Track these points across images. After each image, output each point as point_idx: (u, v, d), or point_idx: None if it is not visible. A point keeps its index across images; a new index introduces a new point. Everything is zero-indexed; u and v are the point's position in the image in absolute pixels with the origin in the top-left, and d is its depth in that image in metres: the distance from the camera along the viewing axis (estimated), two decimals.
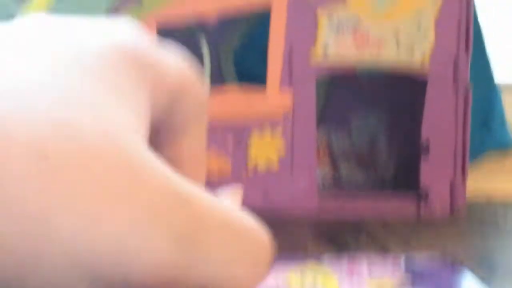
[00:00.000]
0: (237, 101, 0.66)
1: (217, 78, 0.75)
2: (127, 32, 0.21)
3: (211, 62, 0.74)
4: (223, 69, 0.77)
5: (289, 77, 0.66)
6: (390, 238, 0.57)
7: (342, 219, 0.66)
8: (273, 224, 0.66)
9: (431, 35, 0.67)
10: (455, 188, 0.70)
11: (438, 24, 0.67)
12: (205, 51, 0.74)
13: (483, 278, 0.44)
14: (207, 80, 0.74)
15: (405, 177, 0.76)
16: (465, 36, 0.68)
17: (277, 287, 0.39)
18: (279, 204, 0.68)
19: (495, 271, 0.47)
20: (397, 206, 0.69)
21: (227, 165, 0.67)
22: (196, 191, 0.17)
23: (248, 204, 0.68)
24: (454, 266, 0.45)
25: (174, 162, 0.25)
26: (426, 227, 0.62)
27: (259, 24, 0.74)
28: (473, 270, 0.46)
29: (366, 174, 0.79)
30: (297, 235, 0.60)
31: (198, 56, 0.74)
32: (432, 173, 0.69)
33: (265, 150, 0.67)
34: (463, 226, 0.64)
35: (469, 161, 0.71)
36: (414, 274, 0.41)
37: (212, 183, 0.67)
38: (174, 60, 0.23)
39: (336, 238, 0.57)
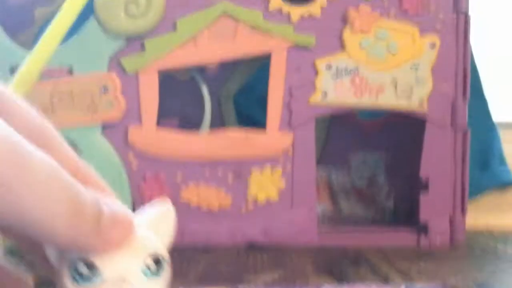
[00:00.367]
0: (237, 141, 0.67)
1: (218, 122, 0.77)
2: None
3: (212, 106, 0.76)
4: (224, 113, 0.79)
5: (288, 118, 0.68)
6: (391, 270, 0.57)
7: (342, 252, 0.66)
8: (273, 255, 0.67)
9: (428, 82, 0.68)
10: (455, 222, 0.70)
11: (436, 71, 0.68)
12: (206, 96, 0.76)
13: None
14: (207, 124, 0.75)
15: (404, 211, 0.76)
16: (463, 81, 0.69)
17: None
18: (279, 237, 0.68)
19: None
20: (397, 239, 0.69)
21: (227, 199, 0.68)
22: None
23: (247, 237, 0.69)
24: None
25: None
26: (426, 259, 0.62)
27: (258, 70, 0.76)
28: None
29: (366, 209, 0.80)
30: (297, 266, 0.60)
31: (199, 101, 0.76)
32: (432, 208, 0.70)
33: (265, 185, 0.68)
34: (462, 258, 0.64)
35: (468, 198, 0.71)
36: None
37: (213, 216, 0.68)
38: None
39: (336, 269, 0.58)
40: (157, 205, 0.28)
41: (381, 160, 0.81)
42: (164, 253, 0.26)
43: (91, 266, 0.24)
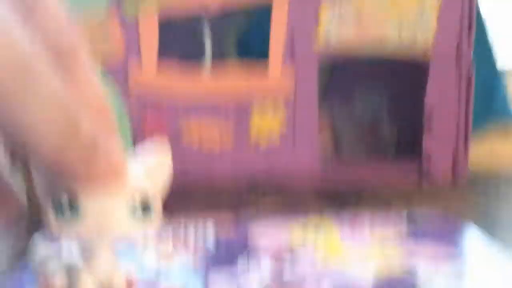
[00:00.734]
0: (239, 82, 0.67)
1: (220, 58, 0.76)
2: None
3: (214, 46, 0.75)
4: (226, 49, 0.78)
5: (291, 57, 0.67)
6: (393, 199, 0.57)
7: (344, 188, 0.66)
8: (276, 188, 0.67)
9: (433, 22, 0.67)
10: (458, 156, 0.70)
11: (441, 11, 0.67)
12: (207, 36, 0.75)
13: (485, 232, 0.44)
14: (208, 64, 0.74)
15: (407, 147, 0.76)
16: (468, 22, 0.68)
17: (279, 242, 0.39)
18: (282, 176, 0.68)
19: (497, 225, 0.47)
20: (399, 174, 0.69)
21: (228, 139, 0.68)
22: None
23: (249, 177, 0.69)
24: (456, 220, 0.45)
25: None
26: (428, 190, 0.62)
27: (260, 13, 0.74)
28: (475, 224, 0.47)
29: (368, 147, 0.79)
30: (299, 196, 0.60)
31: (200, 41, 0.75)
32: (435, 142, 0.70)
33: (267, 124, 0.68)
34: (465, 190, 0.64)
35: (472, 131, 0.71)
36: (416, 228, 0.41)
37: (215, 157, 0.68)
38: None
39: (338, 198, 0.58)
40: (154, 147, 0.27)
41: (384, 98, 0.80)
42: (154, 199, 0.26)
43: (74, 200, 0.24)
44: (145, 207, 0.25)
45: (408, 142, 0.76)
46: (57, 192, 0.24)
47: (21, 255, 0.39)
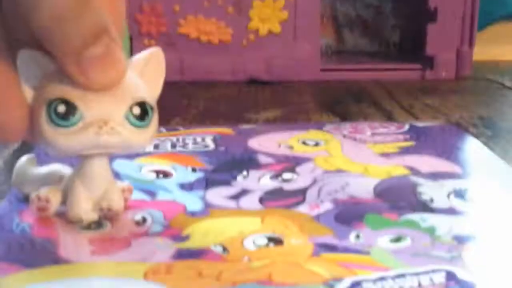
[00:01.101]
0: None
1: None
2: None
3: None
4: None
5: None
6: (394, 106, 0.57)
7: (345, 85, 0.65)
8: (274, 91, 0.66)
9: None
10: (462, 55, 0.68)
11: None
12: None
13: (487, 139, 0.44)
14: None
15: (411, 44, 0.74)
16: None
17: (278, 146, 0.38)
18: (281, 69, 0.67)
19: (499, 132, 0.47)
20: (402, 74, 0.68)
21: (227, 32, 0.66)
22: None
23: (249, 72, 0.68)
24: (458, 126, 0.45)
25: None
26: (430, 94, 0.61)
27: None
28: (477, 132, 0.46)
29: (371, 41, 0.78)
30: (299, 103, 0.59)
31: None
32: (439, 39, 0.68)
33: (267, 16, 0.66)
34: (467, 93, 0.63)
35: (477, 29, 0.69)
36: (418, 134, 0.41)
37: (213, 50, 0.66)
38: None
39: (338, 106, 0.57)
40: (149, 54, 0.26)
41: None
42: (151, 101, 0.25)
43: (70, 106, 0.23)
44: (143, 116, 0.24)
45: (412, 40, 0.74)
46: (51, 100, 0.23)
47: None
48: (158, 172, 0.33)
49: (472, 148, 0.40)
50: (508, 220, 0.28)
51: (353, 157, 0.36)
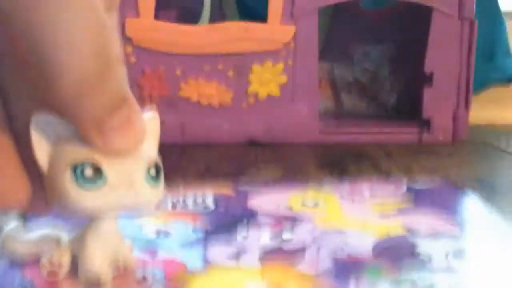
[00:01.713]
0: (238, 34, 0.65)
1: (218, 14, 0.74)
2: None
3: (213, 3, 0.73)
4: (224, 5, 0.76)
5: (290, 9, 0.65)
6: (392, 166, 0.57)
7: (344, 147, 0.65)
8: (274, 152, 0.67)
9: None
10: (458, 117, 0.69)
11: None
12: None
13: (484, 199, 0.44)
14: (207, 16, 0.73)
15: (407, 106, 0.75)
16: None
17: (278, 207, 0.39)
18: (280, 134, 0.68)
19: (497, 191, 0.47)
20: (399, 135, 0.69)
21: (227, 95, 0.67)
22: None
23: (248, 133, 0.69)
24: (456, 187, 0.45)
25: None
26: (427, 155, 0.62)
27: None
28: (474, 191, 0.47)
29: (368, 104, 0.79)
30: (298, 162, 0.60)
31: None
32: (435, 102, 0.69)
33: (266, 80, 0.67)
34: (464, 154, 0.64)
35: (472, 92, 0.70)
36: (416, 194, 0.41)
37: (213, 112, 0.67)
38: None
39: (337, 165, 0.57)
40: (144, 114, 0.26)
41: (385, 53, 0.79)
42: (158, 158, 0.25)
43: (96, 169, 0.23)
44: (157, 175, 0.25)
45: (409, 102, 0.75)
46: (76, 163, 0.23)
47: None
48: (158, 232, 0.33)
49: (470, 205, 0.40)
50: (506, 279, 0.28)
51: (352, 215, 0.37)
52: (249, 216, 0.36)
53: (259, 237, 0.33)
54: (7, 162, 0.23)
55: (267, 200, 0.40)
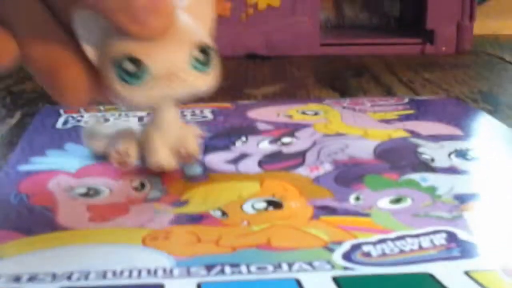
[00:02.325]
0: None
1: None
2: None
3: None
4: None
5: None
6: (394, 80, 0.56)
7: (345, 60, 0.64)
8: (274, 66, 0.65)
9: None
10: (462, 29, 0.68)
11: None
12: None
13: (488, 114, 0.44)
14: None
15: (410, 17, 0.74)
16: None
17: (278, 116, 0.38)
18: (280, 47, 0.66)
19: (500, 106, 0.47)
20: (402, 48, 0.68)
21: (226, 7, 0.65)
22: None
23: (248, 46, 0.67)
24: (458, 101, 0.45)
25: None
26: (430, 69, 0.61)
27: None
28: (477, 106, 0.46)
29: (371, 16, 0.77)
30: (298, 78, 0.59)
31: None
32: (439, 13, 0.67)
33: None
34: (468, 67, 0.62)
35: (477, 3, 0.69)
36: (418, 107, 0.40)
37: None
38: None
39: (338, 81, 0.56)
40: None
41: None
42: (209, 41, 0.24)
43: (137, 63, 0.22)
44: (205, 59, 0.23)
45: (412, 14, 0.73)
46: (117, 60, 0.22)
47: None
48: None
49: (473, 115, 0.39)
50: (509, 179, 0.28)
51: (353, 123, 0.36)
52: (248, 124, 0.36)
53: (258, 142, 0.33)
54: (67, 57, 0.23)
55: (266, 111, 0.40)
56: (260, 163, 0.29)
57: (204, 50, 0.23)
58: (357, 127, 0.35)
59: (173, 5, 0.22)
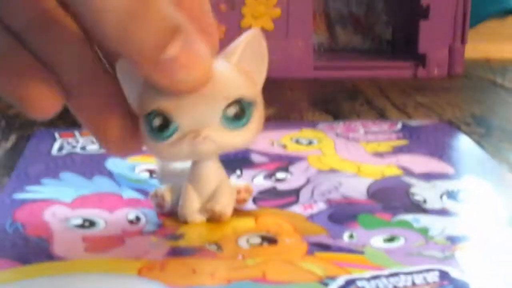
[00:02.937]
0: None
1: None
2: None
3: None
4: None
5: None
6: (387, 104, 0.57)
7: (338, 83, 0.65)
8: (267, 89, 0.65)
9: None
10: (454, 52, 0.68)
11: None
12: None
13: (479, 137, 0.44)
14: None
15: (403, 41, 0.74)
16: None
17: (272, 145, 0.38)
18: (274, 70, 0.66)
19: (492, 130, 0.47)
20: (394, 71, 0.68)
21: (220, 30, 0.65)
22: None
23: None
24: (450, 127, 0.45)
25: None
26: (423, 92, 0.61)
27: None
28: (469, 130, 0.46)
29: (363, 39, 0.78)
30: (292, 99, 0.59)
31: None
32: (431, 36, 0.68)
33: (260, 11, 0.65)
34: (460, 90, 0.63)
35: (469, 26, 0.69)
36: (410, 135, 0.41)
37: None
38: None
39: (331, 104, 0.57)
40: (243, 36, 0.24)
41: None
42: (249, 95, 0.23)
43: (165, 118, 0.22)
44: (240, 115, 0.22)
45: (404, 37, 0.74)
46: (147, 113, 0.22)
47: None
48: (151, 172, 0.33)
49: (465, 147, 0.40)
50: (500, 220, 0.28)
51: (347, 156, 0.36)
52: (243, 155, 0.36)
53: (253, 177, 0.33)
54: (114, 108, 0.23)
55: (261, 138, 0.40)
56: (255, 200, 0.30)
57: (241, 106, 0.22)
58: (351, 162, 0.35)
59: (209, 59, 0.21)
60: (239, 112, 0.22)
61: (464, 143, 0.40)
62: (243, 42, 0.23)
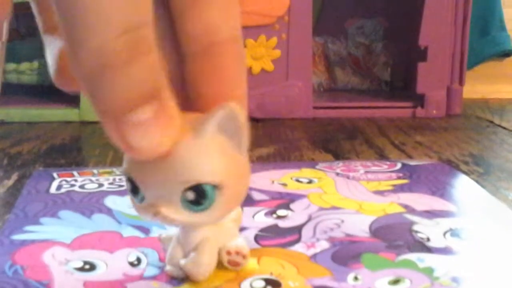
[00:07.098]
0: None
1: None
2: None
3: None
4: None
5: None
6: (386, 141, 0.57)
7: (337, 123, 0.65)
8: (268, 128, 0.66)
9: None
10: (452, 92, 0.69)
11: None
12: None
13: (478, 176, 0.44)
14: None
15: (401, 82, 0.75)
16: None
17: (272, 183, 0.38)
18: (274, 106, 0.67)
19: (490, 169, 0.47)
20: (393, 111, 0.68)
21: None
22: None
23: None
24: (449, 167, 0.45)
25: None
26: (421, 132, 0.62)
27: None
28: (468, 169, 0.46)
29: (362, 80, 0.78)
30: (292, 138, 0.59)
31: None
32: (429, 77, 0.68)
33: (260, 52, 0.66)
34: (458, 130, 0.63)
35: (467, 67, 0.70)
36: (410, 174, 0.41)
37: None
38: None
39: (331, 143, 0.57)
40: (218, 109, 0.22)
41: (379, 27, 0.78)
42: (213, 180, 0.21)
43: (134, 184, 0.22)
44: (198, 200, 0.21)
45: (403, 78, 0.75)
46: (123, 170, 0.22)
47: None
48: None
49: (464, 186, 0.40)
50: (504, 258, 0.28)
51: (347, 194, 0.36)
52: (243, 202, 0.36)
53: (254, 214, 0.33)
54: None
55: (261, 177, 0.40)
56: (256, 238, 0.29)
57: (201, 190, 0.21)
58: (352, 200, 0.35)
59: (173, 131, 0.19)
60: (197, 198, 0.21)
61: (463, 182, 0.40)
62: (213, 120, 0.22)
